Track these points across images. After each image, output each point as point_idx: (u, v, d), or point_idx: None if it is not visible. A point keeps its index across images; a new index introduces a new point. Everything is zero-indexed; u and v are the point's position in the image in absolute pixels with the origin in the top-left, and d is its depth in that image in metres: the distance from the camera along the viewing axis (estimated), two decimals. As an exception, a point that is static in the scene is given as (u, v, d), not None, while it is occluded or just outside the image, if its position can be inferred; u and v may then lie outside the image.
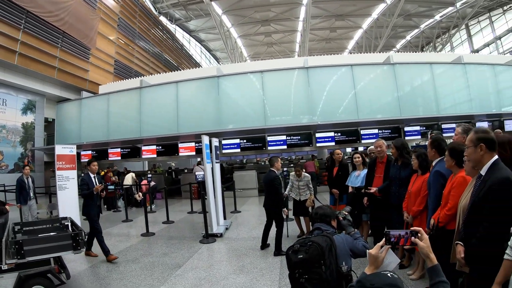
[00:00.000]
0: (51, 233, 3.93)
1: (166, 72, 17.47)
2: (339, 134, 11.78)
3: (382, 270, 1.31)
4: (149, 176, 11.99)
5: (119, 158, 13.89)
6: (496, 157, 2.15)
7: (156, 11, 24.48)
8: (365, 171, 4.97)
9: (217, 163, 7.23)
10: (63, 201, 6.00)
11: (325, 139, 11.76)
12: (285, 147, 11.94)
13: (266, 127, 11.31)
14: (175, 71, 16.93)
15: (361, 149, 13.56)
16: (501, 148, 3.09)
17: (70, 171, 6.29)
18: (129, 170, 15.01)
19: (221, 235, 6.25)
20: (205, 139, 6.63)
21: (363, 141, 11.85)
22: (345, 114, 11.49)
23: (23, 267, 3.14)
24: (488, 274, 1.93)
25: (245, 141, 11.94)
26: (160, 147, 12.97)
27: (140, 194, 10.77)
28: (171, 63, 23.95)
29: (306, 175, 5.82)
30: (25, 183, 6.80)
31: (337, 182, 5.54)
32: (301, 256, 1.97)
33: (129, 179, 11.28)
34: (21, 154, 14.57)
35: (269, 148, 11.82)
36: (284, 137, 11.79)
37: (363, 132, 11.82)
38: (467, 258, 2.10)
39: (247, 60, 32.65)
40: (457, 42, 29.65)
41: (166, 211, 8.29)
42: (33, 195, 7.16)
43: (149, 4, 23.39)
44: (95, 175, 5.41)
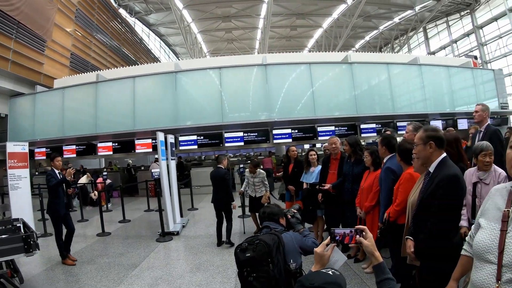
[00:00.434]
0: (2, 236, 3.72)
1: (124, 66, 16.86)
2: (296, 131, 12.01)
3: (328, 268, 1.31)
4: (105, 174, 11.66)
5: (74, 155, 13.30)
6: (444, 154, 2.17)
7: (115, 3, 23.44)
8: (320, 167, 5.06)
9: (172, 160, 7.18)
10: (15, 202, 5.75)
11: (282, 136, 11.95)
12: (242, 144, 11.98)
13: (223, 124, 11.27)
14: (133, 66, 16.38)
15: (318, 145, 14.01)
16: (448, 146, 3.29)
17: (22, 170, 6.06)
18: (85, 168, 14.54)
19: (178, 233, 6.26)
20: (160, 135, 6.57)
21: (320, 138, 12.13)
22: (303, 111, 11.66)
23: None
24: (436, 270, 1.99)
25: (202, 137, 11.85)
26: (116, 144, 12.55)
27: (95, 192, 10.47)
28: (129, 57, 23.13)
29: (261, 171, 5.88)
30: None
31: (292, 178, 5.59)
32: (249, 254, 1.98)
33: (84, 177, 10.93)
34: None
35: (226, 144, 11.81)
36: (241, 134, 11.84)
37: (320, 129, 12.14)
38: (416, 252, 2.14)
39: (207, 56, 32.26)
40: (415, 44, 31.03)
41: (122, 210, 8.11)
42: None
43: (109, -5, 22.46)
44: (60, 171, 5.09)
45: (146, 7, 24.71)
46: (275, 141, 11.99)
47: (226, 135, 11.80)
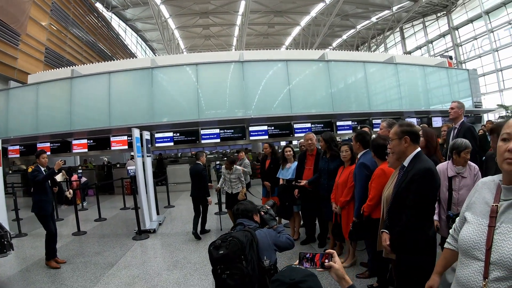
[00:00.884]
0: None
1: (100, 62, 16.55)
2: (273, 127, 12.18)
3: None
4: (80, 171, 11.48)
5: (49, 153, 12.98)
6: (418, 149, 2.18)
7: (92, -4, 23.02)
8: (296, 163, 5.13)
9: (148, 157, 7.16)
10: (-12, 202, 5.49)
11: (259, 133, 12.09)
12: (219, 141, 12.05)
13: (200, 120, 11.27)
14: (109, 61, 16.09)
15: (295, 142, 14.21)
16: (430, 138, 3.44)
17: (-6, 168, 5.78)
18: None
19: (155, 231, 6.26)
20: (135, 132, 6.50)
21: (296, 135, 12.29)
22: (280, 108, 11.79)
23: None
24: (412, 264, 2.02)
25: (178, 134, 11.85)
26: (91, 141, 12.36)
27: (70, 191, 10.29)
28: (105, 52, 22.64)
29: (237, 168, 5.93)
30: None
31: (269, 174, 5.68)
32: (222, 251, 1.99)
33: (59, 175, 10.70)
34: None
35: (203, 141, 11.84)
36: (217, 131, 11.90)
37: (296, 126, 12.30)
38: (392, 245, 2.15)
39: (184, 52, 31.96)
40: (391, 43, 31.84)
41: (98, 208, 8.04)
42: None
43: (85, -11, 21.89)
44: (46, 168, 4.85)
45: (123, 1, 24.14)
46: (252, 138, 12.09)
47: (202, 132, 11.82)
